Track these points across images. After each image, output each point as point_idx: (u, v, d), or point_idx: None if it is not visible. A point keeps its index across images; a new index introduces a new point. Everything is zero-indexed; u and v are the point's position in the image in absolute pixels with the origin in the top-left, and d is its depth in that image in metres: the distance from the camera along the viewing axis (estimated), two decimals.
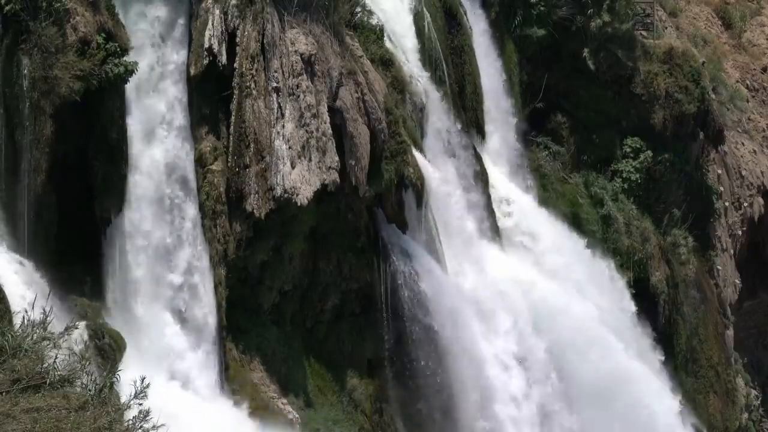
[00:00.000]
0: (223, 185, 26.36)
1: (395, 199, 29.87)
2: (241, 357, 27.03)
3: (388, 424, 29.75)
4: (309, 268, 28.78)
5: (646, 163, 39.72)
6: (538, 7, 37.49)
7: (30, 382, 11.04)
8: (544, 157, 38.53)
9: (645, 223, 39.56)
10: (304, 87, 27.05)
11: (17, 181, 23.01)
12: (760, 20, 51.65)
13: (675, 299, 39.84)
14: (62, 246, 23.75)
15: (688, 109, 40.45)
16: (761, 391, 46.43)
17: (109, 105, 24.15)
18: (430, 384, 30.04)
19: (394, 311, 29.67)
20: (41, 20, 22.74)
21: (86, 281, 24.17)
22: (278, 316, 28.09)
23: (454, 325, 30.25)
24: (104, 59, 23.65)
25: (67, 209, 23.86)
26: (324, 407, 28.28)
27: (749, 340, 47.61)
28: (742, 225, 45.34)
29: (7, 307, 20.65)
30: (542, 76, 38.38)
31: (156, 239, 25.37)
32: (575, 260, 36.32)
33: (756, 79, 49.40)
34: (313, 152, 26.91)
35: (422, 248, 30.54)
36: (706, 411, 40.58)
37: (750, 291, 46.40)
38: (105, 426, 10.61)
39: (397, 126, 29.44)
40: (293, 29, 27.35)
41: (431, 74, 33.18)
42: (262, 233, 26.95)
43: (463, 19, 35.21)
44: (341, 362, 29.13)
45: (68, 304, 23.08)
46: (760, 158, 47.02)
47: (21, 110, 22.80)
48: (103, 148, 24.16)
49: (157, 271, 25.43)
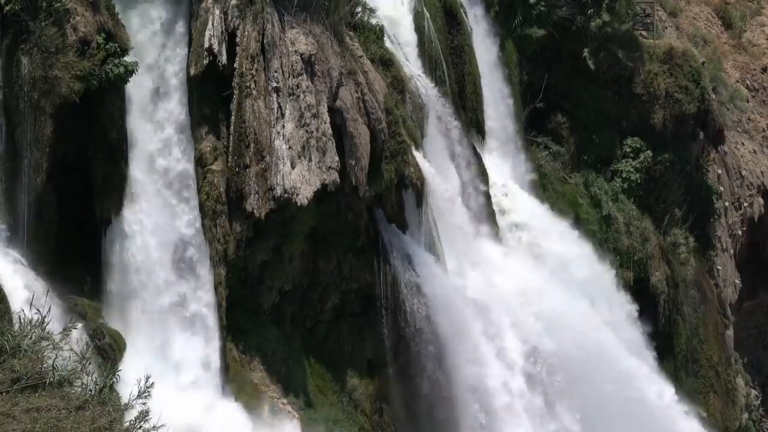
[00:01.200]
0: (223, 185, 26.36)
1: (395, 199, 29.87)
2: (241, 357, 27.03)
3: (388, 424, 29.75)
4: (309, 268, 28.77)
5: (646, 163, 39.72)
6: (538, 7, 37.49)
7: (29, 382, 11.04)
8: (544, 157, 38.53)
9: (645, 223, 39.55)
10: (304, 87, 27.04)
11: (17, 181, 23.01)
12: (760, 20, 51.66)
13: (675, 299, 39.83)
14: (62, 246, 23.74)
15: (688, 109, 40.45)
16: (761, 391, 46.43)
17: (109, 105, 24.15)
18: (430, 384, 30.03)
19: (394, 311, 29.67)
20: (41, 20, 22.74)
21: (86, 281, 24.17)
22: (278, 316, 28.08)
23: (453, 325, 30.24)
24: (104, 59, 23.66)
25: (67, 209, 23.85)
26: (324, 407, 28.28)
27: (749, 340, 47.61)
28: (742, 225, 45.33)
29: (7, 306, 20.65)
30: (542, 76, 38.37)
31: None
32: (575, 260, 36.30)
33: (756, 79, 49.40)
34: (313, 152, 26.90)
35: (422, 248, 30.54)
36: (706, 411, 40.57)
37: (750, 291, 46.40)
38: (105, 426, 10.61)
39: (397, 126, 29.43)
40: (293, 29, 27.34)
41: (431, 74, 33.18)
42: (262, 233, 26.94)
43: (463, 19, 35.21)
44: (341, 362, 29.12)
45: (68, 304, 23.08)
46: (760, 158, 47.02)
47: (21, 110, 22.80)
48: (103, 148, 24.17)
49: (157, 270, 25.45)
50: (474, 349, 30.85)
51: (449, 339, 30.09)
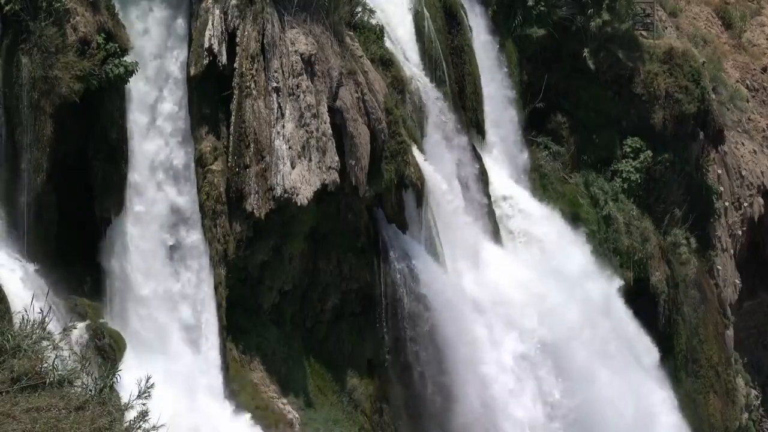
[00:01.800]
0: (223, 185, 26.36)
1: (395, 199, 29.86)
2: (241, 357, 27.02)
3: (388, 424, 29.75)
4: (309, 268, 28.77)
5: (646, 163, 39.72)
6: (538, 7, 37.50)
7: (29, 382, 11.04)
8: (544, 157, 38.54)
9: (645, 223, 39.56)
10: (304, 87, 27.04)
11: (17, 181, 23.00)
12: (760, 20, 51.67)
13: (675, 299, 39.83)
14: (62, 246, 23.73)
15: (688, 109, 40.46)
16: (761, 391, 46.45)
17: (109, 105, 24.14)
18: (430, 384, 30.04)
19: (394, 311, 29.67)
20: (41, 20, 22.72)
21: (86, 281, 24.16)
22: (278, 316, 28.08)
23: (453, 325, 30.25)
24: (104, 59, 23.65)
25: (67, 209, 23.84)
26: (324, 407, 28.28)
27: (749, 340, 47.63)
28: (742, 225, 45.35)
29: (7, 307, 20.63)
30: (542, 76, 38.38)
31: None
32: (576, 259, 36.30)
33: (756, 79, 49.41)
34: (313, 152, 26.90)
35: (422, 248, 30.54)
36: (706, 411, 40.58)
37: (750, 291, 46.42)
38: (105, 426, 10.61)
39: (397, 126, 29.43)
40: (293, 29, 27.34)
41: (431, 74, 33.18)
42: (262, 233, 26.94)
43: (463, 19, 35.21)
44: (341, 362, 29.12)
45: (68, 304, 23.08)
46: (760, 158, 47.03)
47: (21, 110, 22.78)
48: (103, 148, 24.15)
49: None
50: (474, 348, 30.85)
51: (449, 339, 30.09)
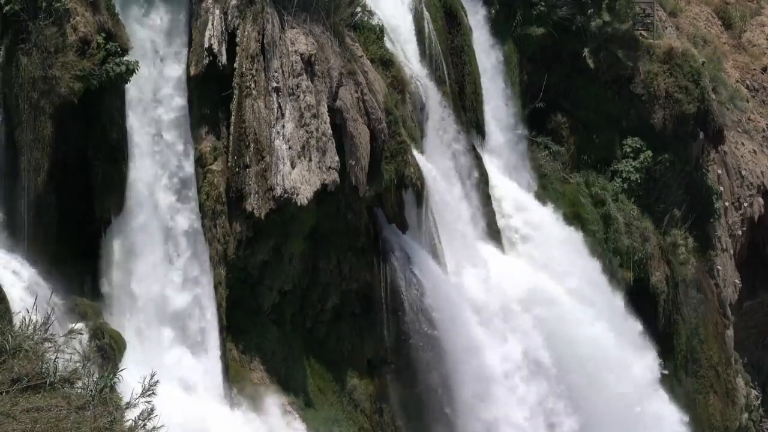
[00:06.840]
0: (223, 185, 26.35)
1: (395, 199, 29.86)
2: (241, 357, 27.02)
3: (388, 424, 29.74)
4: (309, 268, 28.76)
5: (646, 163, 39.74)
6: (538, 6, 37.50)
7: (30, 382, 11.03)
8: (544, 157, 38.54)
9: (645, 223, 39.57)
10: (304, 87, 27.03)
11: (17, 181, 22.98)
12: (760, 20, 51.69)
13: (675, 299, 39.84)
14: (62, 246, 23.72)
15: (688, 109, 40.47)
16: (761, 391, 46.46)
17: (109, 105, 24.11)
18: (430, 384, 30.03)
19: (394, 311, 29.66)
20: (41, 20, 22.72)
21: (86, 281, 24.15)
22: (278, 316, 28.07)
23: (453, 325, 30.25)
24: (104, 59, 23.63)
25: (67, 209, 23.83)
26: (324, 407, 28.27)
27: (749, 340, 47.63)
28: (742, 225, 45.36)
29: (7, 307, 20.62)
30: (542, 76, 38.39)
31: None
32: (576, 259, 36.31)
33: (756, 79, 49.42)
34: (313, 152, 26.90)
35: (422, 248, 30.54)
36: (706, 411, 40.58)
37: (750, 291, 46.43)
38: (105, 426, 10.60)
39: (397, 126, 29.43)
40: (293, 29, 27.34)
41: (431, 74, 33.18)
42: (262, 233, 26.93)
43: (463, 19, 35.21)
44: (341, 362, 29.11)
45: (68, 304, 23.06)
46: (760, 158, 47.04)
47: (21, 110, 22.77)
48: (103, 148, 24.12)
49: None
50: (473, 348, 30.85)
51: (449, 339, 30.08)
